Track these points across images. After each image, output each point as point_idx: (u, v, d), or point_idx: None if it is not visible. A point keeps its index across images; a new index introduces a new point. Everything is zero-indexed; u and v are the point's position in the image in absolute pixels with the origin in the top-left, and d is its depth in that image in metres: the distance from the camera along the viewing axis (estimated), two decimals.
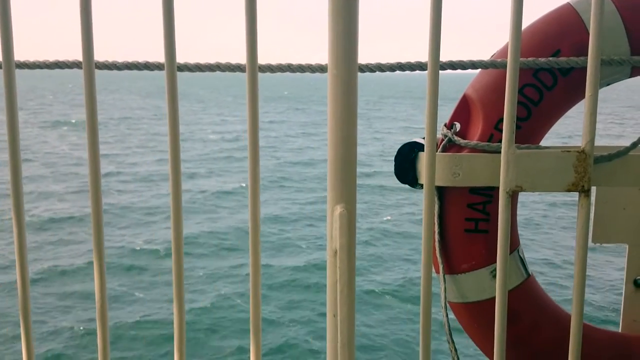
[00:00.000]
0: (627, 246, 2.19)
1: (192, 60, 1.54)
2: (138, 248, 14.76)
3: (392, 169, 1.87)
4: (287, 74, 1.64)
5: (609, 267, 12.87)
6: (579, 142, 1.52)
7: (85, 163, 1.26)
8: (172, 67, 1.19)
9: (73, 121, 45.68)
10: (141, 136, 38.56)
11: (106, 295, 1.28)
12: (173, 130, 1.20)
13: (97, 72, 1.27)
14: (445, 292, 1.92)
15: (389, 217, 17.75)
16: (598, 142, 1.50)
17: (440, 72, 1.26)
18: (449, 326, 1.91)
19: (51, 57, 1.58)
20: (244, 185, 21.88)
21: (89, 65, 1.20)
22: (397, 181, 1.87)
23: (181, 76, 1.34)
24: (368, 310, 11.25)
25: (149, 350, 9.79)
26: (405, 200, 19.68)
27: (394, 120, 52.98)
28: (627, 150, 1.64)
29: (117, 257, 13.91)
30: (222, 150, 32.67)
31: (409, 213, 18.34)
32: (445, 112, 1.98)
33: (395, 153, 1.85)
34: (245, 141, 1.17)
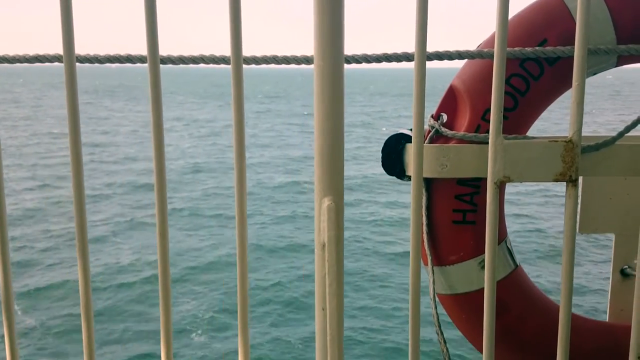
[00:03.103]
0: (614, 236, 2.20)
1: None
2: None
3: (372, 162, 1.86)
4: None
5: (597, 256, 13.00)
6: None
7: None
8: (155, 60, 1.16)
9: None
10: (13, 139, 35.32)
11: (90, 291, 1.26)
12: (156, 124, 1.18)
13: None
14: (433, 283, 1.92)
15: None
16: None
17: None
18: (437, 318, 1.91)
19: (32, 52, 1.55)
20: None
21: (70, 58, 1.17)
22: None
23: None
24: (357, 303, 11.27)
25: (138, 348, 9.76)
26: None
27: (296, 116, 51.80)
28: (613, 139, 1.64)
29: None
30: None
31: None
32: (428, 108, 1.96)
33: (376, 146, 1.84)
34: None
